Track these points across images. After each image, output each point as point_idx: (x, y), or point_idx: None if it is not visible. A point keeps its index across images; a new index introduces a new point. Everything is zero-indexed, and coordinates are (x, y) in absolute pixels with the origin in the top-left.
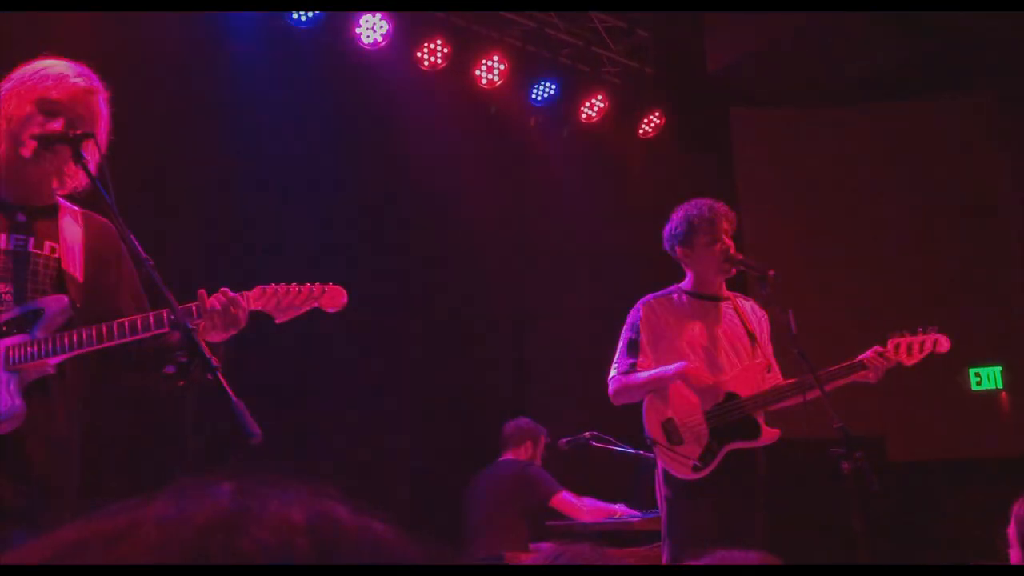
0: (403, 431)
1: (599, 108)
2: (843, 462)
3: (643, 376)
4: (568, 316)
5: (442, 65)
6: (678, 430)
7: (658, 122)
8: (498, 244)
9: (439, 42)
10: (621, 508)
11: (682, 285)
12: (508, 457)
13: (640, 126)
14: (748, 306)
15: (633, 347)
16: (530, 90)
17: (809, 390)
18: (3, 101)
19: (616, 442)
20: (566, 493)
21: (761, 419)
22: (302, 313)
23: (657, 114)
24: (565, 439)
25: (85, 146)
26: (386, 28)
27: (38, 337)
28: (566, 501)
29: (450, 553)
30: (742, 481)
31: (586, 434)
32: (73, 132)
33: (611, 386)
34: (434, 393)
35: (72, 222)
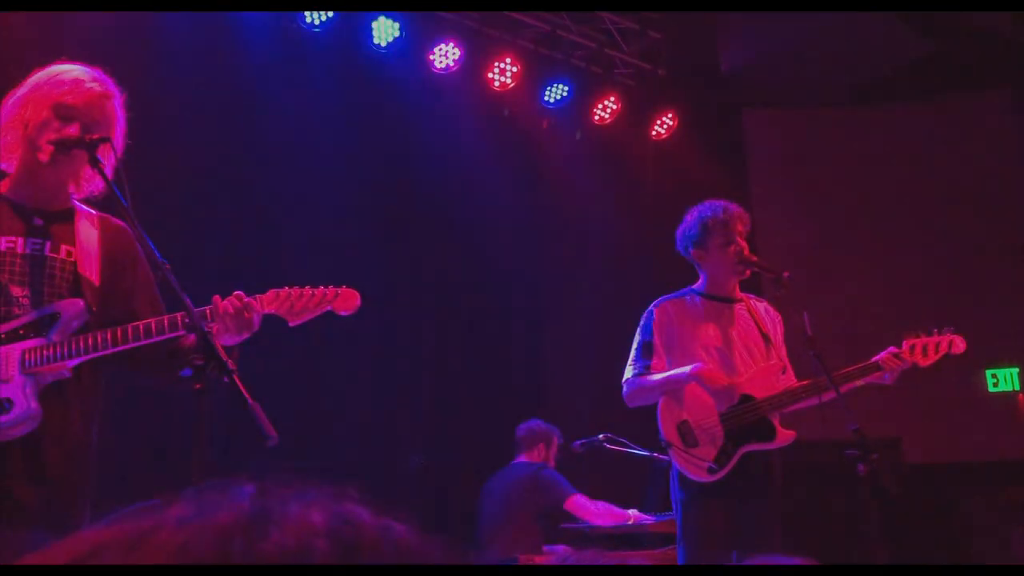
0: (417, 433)
1: (612, 110)
2: (859, 464)
3: (658, 378)
4: (581, 318)
5: (455, 68)
6: (693, 432)
7: (671, 123)
8: (511, 245)
9: (451, 45)
10: (634, 513)
11: (696, 287)
12: (521, 460)
13: (653, 127)
14: (762, 307)
15: (647, 349)
16: (542, 92)
17: (824, 392)
18: (20, 106)
19: (630, 444)
20: (580, 496)
21: (776, 421)
22: (316, 316)
23: (670, 115)
24: (579, 441)
25: (101, 150)
26: (399, 32)
27: (54, 340)
28: (580, 504)
29: (470, 554)
30: (757, 483)
31: (600, 436)
32: (90, 137)
33: (625, 388)
34: (448, 395)
35: (88, 226)
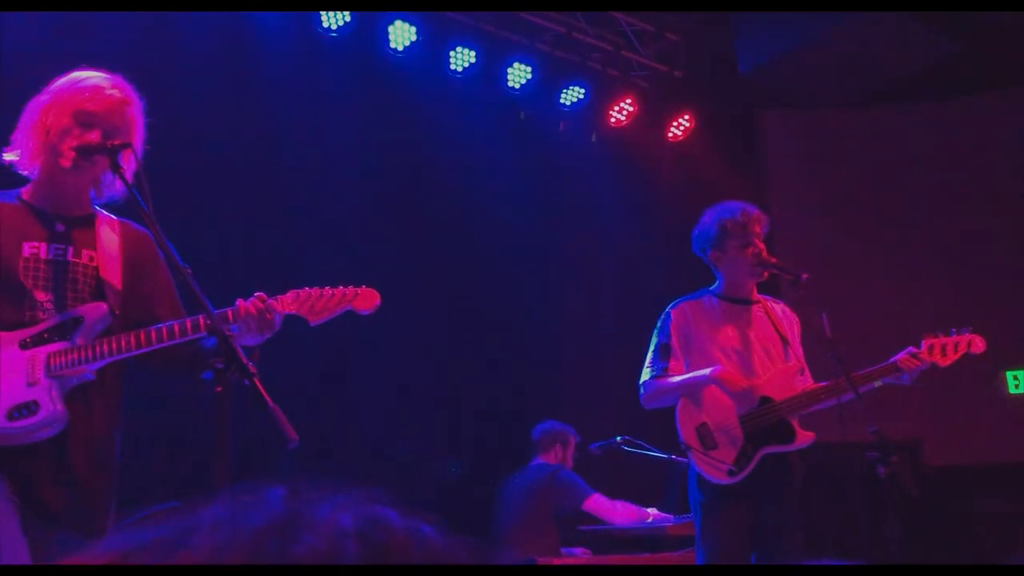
0: (435, 435)
1: (628, 112)
2: (879, 466)
3: (677, 380)
4: (598, 319)
5: (472, 71)
6: (712, 434)
7: (688, 125)
8: (528, 248)
9: (469, 48)
10: (654, 512)
11: (713, 288)
12: (539, 462)
13: (669, 129)
14: (779, 309)
15: (665, 351)
16: (559, 94)
17: (843, 393)
18: (41, 114)
19: (647, 446)
20: (598, 495)
21: (796, 423)
22: (336, 315)
23: (686, 117)
24: (596, 444)
25: (122, 156)
26: (415, 36)
27: (79, 344)
28: (599, 504)
29: (495, 555)
30: (777, 485)
31: (617, 439)
32: (111, 142)
33: (643, 390)
34: (465, 397)
35: (109, 231)
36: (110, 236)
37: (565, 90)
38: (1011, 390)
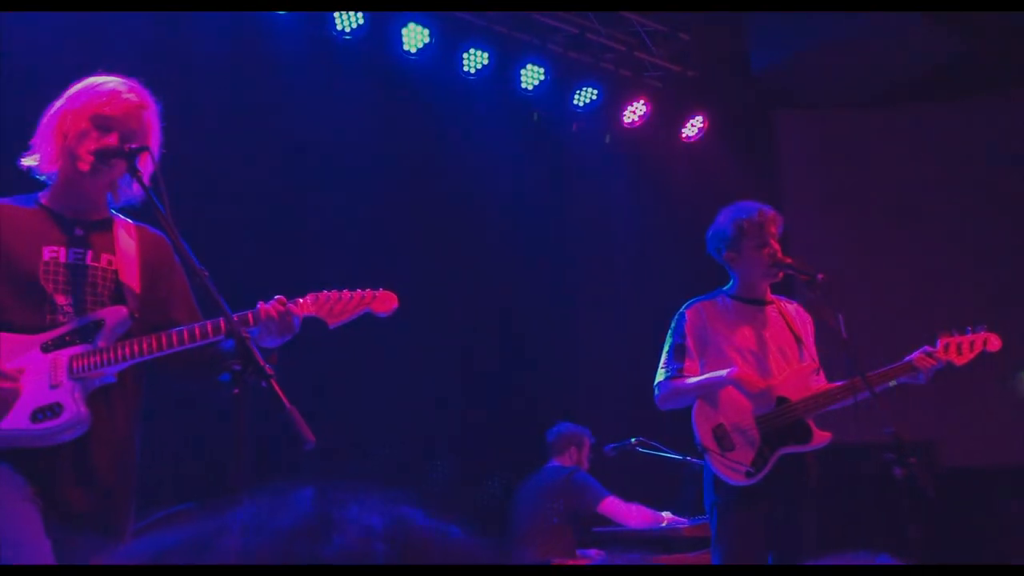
0: (449, 437)
1: (641, 112)
2: (896, 467)
3: (693, 381)
4: (612, 320)
5: (484, 72)
6: (729, 436)
7: (701, 125)
8: (541, 248)
9: (481, 50)
10: (668, 516)
11: (727, 289)
12: (554, 464)
13: (683, 129)
14: (792, 309)
15: (680, 351)
16: (572, 95)
17: (859, 392)
18: (59, 119)
19: (662, 447)
20: (613, 498)
21: (812, 423)
22: (354, 318)
23: (700, 117)
24: (610, 445)
25: (140, 160)
26: (428, 38)
27: (100, 347)
28: (614, 506)
29: (514, 555)
30: (793, 486)
31: (632, 440)
32: (129, 146)
33: (658, 391)
34: (480, 399)
35: (127, 235)
36: (128, 240)
37: (578, 91)
38: None
